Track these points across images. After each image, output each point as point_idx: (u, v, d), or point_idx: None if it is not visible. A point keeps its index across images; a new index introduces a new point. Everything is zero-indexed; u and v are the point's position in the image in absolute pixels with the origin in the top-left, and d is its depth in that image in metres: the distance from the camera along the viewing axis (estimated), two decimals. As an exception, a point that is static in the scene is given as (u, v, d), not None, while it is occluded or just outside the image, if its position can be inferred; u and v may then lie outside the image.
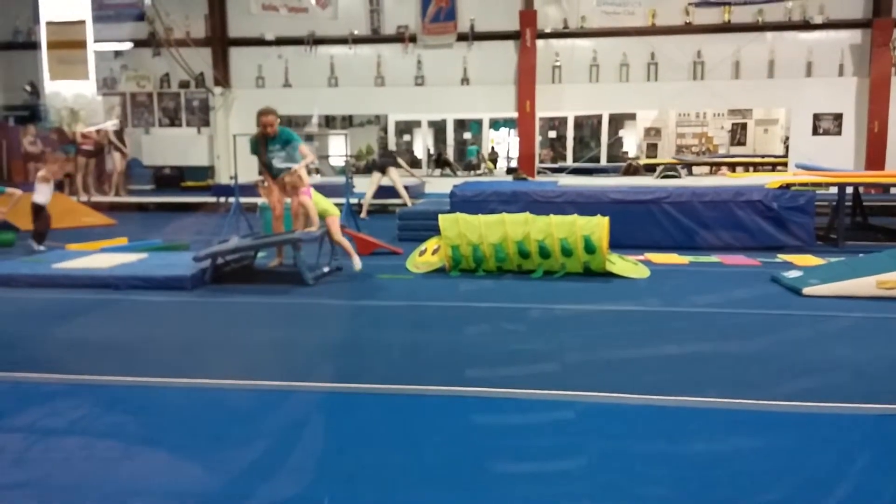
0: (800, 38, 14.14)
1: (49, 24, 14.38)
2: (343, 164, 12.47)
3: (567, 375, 3.87)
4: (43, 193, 8.64)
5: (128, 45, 15.46)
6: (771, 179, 9.18)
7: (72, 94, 15.04)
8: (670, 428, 3.16)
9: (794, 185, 9.16)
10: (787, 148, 16.23)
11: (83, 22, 14.31)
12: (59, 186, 13.65)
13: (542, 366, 4.03)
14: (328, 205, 7.09)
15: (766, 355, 4.28)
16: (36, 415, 3.39)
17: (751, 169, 16.89)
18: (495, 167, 18.64)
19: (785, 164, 15.13)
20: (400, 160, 12.63)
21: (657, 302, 5.73)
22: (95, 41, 14.47)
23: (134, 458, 2.91)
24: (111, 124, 14.07)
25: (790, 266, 6.96)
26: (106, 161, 14.73)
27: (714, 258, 7.64)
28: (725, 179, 11.54)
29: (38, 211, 8.65)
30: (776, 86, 14.29)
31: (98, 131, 13.87)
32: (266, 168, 7.29)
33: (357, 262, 6.99)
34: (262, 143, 7.14)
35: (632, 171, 16.39)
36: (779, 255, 7.74)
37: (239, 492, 2.59)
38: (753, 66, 14.26)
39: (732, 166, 17.13)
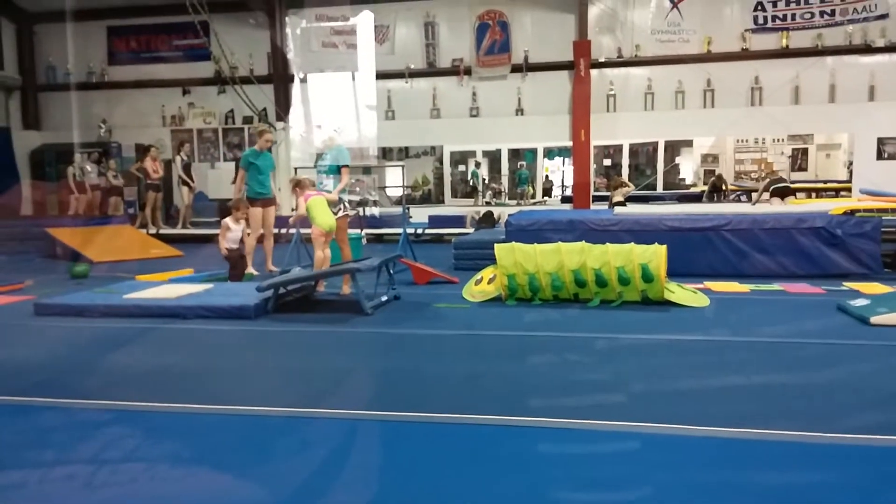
0: (861, 61, 13.84)
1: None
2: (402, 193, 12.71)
3: (631, 406, 3.83)
4: (230, 240, 8.22)
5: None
6: (835, 206, 8.96)
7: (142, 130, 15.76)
8: (737, 460, 3.10)
9: (858, 211, 8.91)
10: (850, 173, 15.79)
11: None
12: (132, 219, 14.24)
13: (605, 396, 4.01)
14: (325, 216, 7.24)
15: (835, 387, 4.17)
16: (110, 441, 3.54)
17: (813, 195, 16.46)
18: (550, 196, 18.64)
19: (849, 190, 14.73)
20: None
21: (720, 331, 5.65)
22: (165, 80, 15.16)
23: (202, 481, 3.03)
24: (179, 160, 14.66)
25: (856, 294, 6.77)
26: (174, 195, 15.36)
27: (776, 286, 7.48)
28: (786, 206, 11.31)
29: (233, 259, 8.25)
30: (838, 110, 13.99)
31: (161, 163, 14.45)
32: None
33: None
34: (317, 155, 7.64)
35: (717, 189, 15.71)
36: (844, 283, 7.53)
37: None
38: (814, 91, 13.99)
39: (814, 192, 16.48)
